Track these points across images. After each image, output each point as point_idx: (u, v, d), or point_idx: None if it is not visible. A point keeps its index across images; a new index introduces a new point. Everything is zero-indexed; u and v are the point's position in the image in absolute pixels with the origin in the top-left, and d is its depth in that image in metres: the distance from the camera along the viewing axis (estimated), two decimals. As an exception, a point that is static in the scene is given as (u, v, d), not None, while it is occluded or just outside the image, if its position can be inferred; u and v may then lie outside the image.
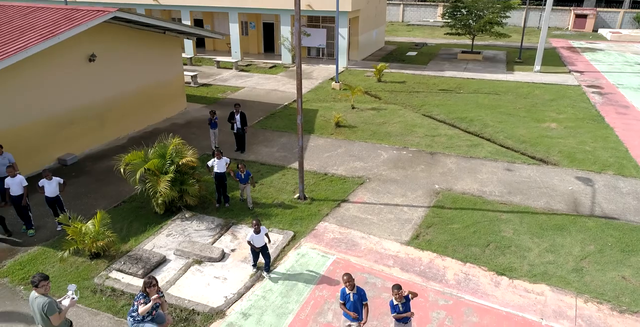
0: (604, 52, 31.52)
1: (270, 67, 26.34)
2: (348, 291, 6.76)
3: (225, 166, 11.22)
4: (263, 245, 8.69)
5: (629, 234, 10.45)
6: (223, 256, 9.48)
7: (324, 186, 12.50)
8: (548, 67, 26.19)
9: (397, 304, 6.64)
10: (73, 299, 6.33)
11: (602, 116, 18.29)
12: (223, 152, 11.44)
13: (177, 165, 10.62)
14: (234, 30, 27.26)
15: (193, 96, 20.32)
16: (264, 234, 8.71)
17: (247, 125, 14.48)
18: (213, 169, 11.14)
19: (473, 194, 12.16)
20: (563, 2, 43.69)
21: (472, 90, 22.06)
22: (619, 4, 44.46)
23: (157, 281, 6.75)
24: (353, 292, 6.74)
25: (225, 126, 14.89)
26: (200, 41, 30.63)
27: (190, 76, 22.04)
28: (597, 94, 21.43)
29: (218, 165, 11.09)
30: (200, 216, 10.93)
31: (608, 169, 13.66)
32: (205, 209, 11.28)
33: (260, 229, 8.60)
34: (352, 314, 6.80)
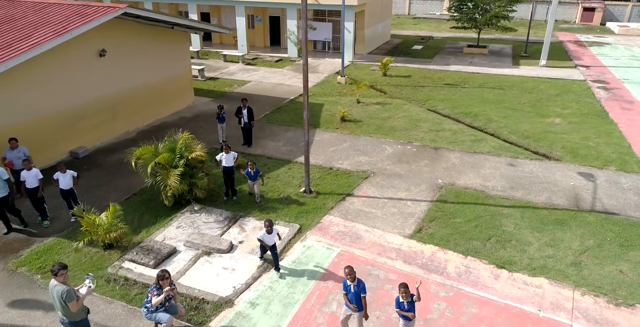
0: (611, 46, 31.38)
1: (277, 61, 26.51)
2: (349, 283, 7.04)
3: (233, 160, 11.50)
4: (273, 244, 8.93)
5: (629, 229, 10.64)
6: (231, 248, 9.80)
7: (329, 180, 12.76)
8: (554, 62, 26.17)
9: (402, 301, 6.82)
10: (90, 287, 6.65)
11: (606, 111, 18.37)
12: (231, 147, 11.73)
13: (186, 159, 10.92)
14: (241, 23, 27.40)
15: (200, 90, 20.58)
16: (276, 233, 8.94)
17: (254, 119, 14.74)
18: (221, 163, 11.42)
19: (476, 188, 12.38)
20: (571, -5, 43.33)
21: (477, 84, 22.16)
22: (628, -4, 44.01)
23: (169, 274, 7.12)
24: (354, 284, 7.02)
25: (233, 120, 15.15)
26: (207, 34, 30.77)
27: (198, 70, 22.27)
28: (602, 89, 21.47)
29: (226, 159, 11.38)
30: (209, 209, 11.25)
31: (610, 164, 13.81)
32: (214, 202, 11.59)
33: (273, 229, 8.81)
34: (351, 306, 7.12)
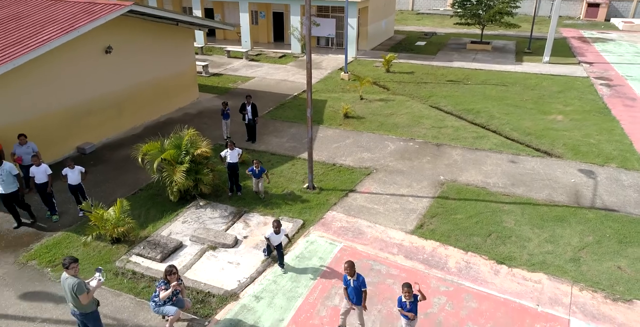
0: (615, 43, 31.31)
1: (280, 57, 26.60)
2: (349, 278, 7.23)
3: (238, 157, 11.68)
4: (279, 243, 9.06)
5: (628, 225, 10.77)
6: (236, 243, 10.00)
7: (332, 176, 12.92)
8: (557, 58, 26.17)
9: (405, 301, 6.93)
10: (100, 280, 6.85)
11: (608, 109, 18.43)
12: (235, 143, 11.91)
13: (192, 155, 11.10)
14: (244, 19, 27.48)
15: (204, 86, 20.72)
16: (284, 234, 9.07)
17: (258, 116, 14.89)
18: (226, 159, 11.60)
19: (477, 185, 12.52)
20: (576, -9, 43.13)
21: (480, 81, 22.22)
22: (633, -8, 43.75)
23: (177, 270, 7.36)
24: (353, 279, 7.20)
25: (237, 117, 15.30)
26: (211, 30, 30.83)
27: (202, 66, 22.40)
28: (605, 86, 21.50)
29: (231, 155, 11.56)
30: (214, 204, 11.44)
31: (611, 161, 13.91)
32: (219, 197, 11.78)
33: (281, 230, 8.94)
34: (347, 301, 7.33)
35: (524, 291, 8.72)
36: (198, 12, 28.62)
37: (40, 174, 10.22)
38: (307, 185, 12.23)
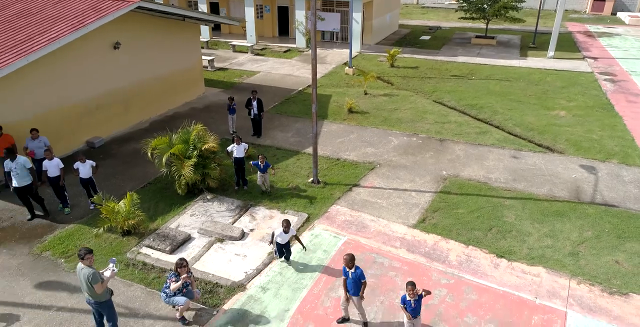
0: (621, 37, 31.19)
1: (285, 51, 26.73)
2: (348, 269, 7.49)
3: (244, 151, 11.93)
4: (287, 242, 9.20)
5: (627, 221, 10.95)
6: (243, 235, 10.27)
7: (337, 171, 13.15)
8: (562, 53, 26.15)
9: (409, 299, 7.13)
10: (113, 270, 7.14)
11: (612, 104, 18.50)
12: (241, 138, 12.15)
13: (199, 150, 11.36)
14: (249, 13, 27.58)
15: (210, 80, 20.92)
16: (292, 235, 9.16)
17: (263, 111, 15.10)
18: (232, 154, 11.85)
19: (479, 180, 12.72)
20: (582, -16, 42.83)
21: (484, 76, 22.30)
22: (640, -14, 43.40)
23: (187, 263, 7.70)
24: (352, 271, 7.46)
25: (243, 111, 15.52)
26: (216, 24, 30.95)
27: (207, 60, 22.59)
28: (609, 81, 21.53)
29: (237, 150, 11.80)
30: (221, 198, 11.71)
31: (613, 157, 14.05)
32: (225, 191, 12.05)
33: (290, 229, 9.03)
34: (344, 292, 7.65)
35: (523, 284, 8.96)
36: (204, 7, 28.74)
37: (53, 167, 10.51)
38: (311, 179, 12.47)
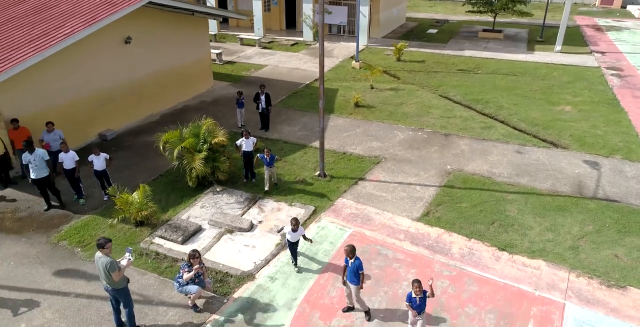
0: (630, 31, 31.01)
1: (292, 45, 26.87)
2: (349, 259, 7.80)
3: (253, 145, 12.22)
4: (297, 241, 9.24)
5: (627, 216, 11.14)
6: (251, 227, 10.60)
7: (343, 165, 13.42)
8: (569, 47, 26.10)
9: (415, 297, 7.33)
10: (129, 259, 7.49)
11: (617, 100, 18.55)
12: (250, 132, 12.44)
13: (209, 144, 11.66)
14: (257, 7, 27.70)
15: (219, 74, 21.16)
16: (301, 234, 9.18)
17: (271, 105, 15.35)
18: (241, 147, 12.14)
19: (483, 175, 12.94)
20: (592, -23, 42.40)
21: (490, 70, 22.37)
22: (651, -22, 42.91)
23: (199, 254, 8.05)
24: (352, 261, 7.77)
25: (251, 105, 15.78)
26: (224, 18, 31.08)
27: (216, 54, 22.81)
28: (616, 76, 21.53)
29: (246, 144, 12.09)
30: (230, 190, 12.03)
31: (616, 153, 14.19)
32: (234, 183, 12.36)
33: (298, 228, 9.03)
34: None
35: (523, 276, 9.22)
36: (212, 0, 28.85)
37: (69, 160, 10.87)
38: (318, 173, 12.74)
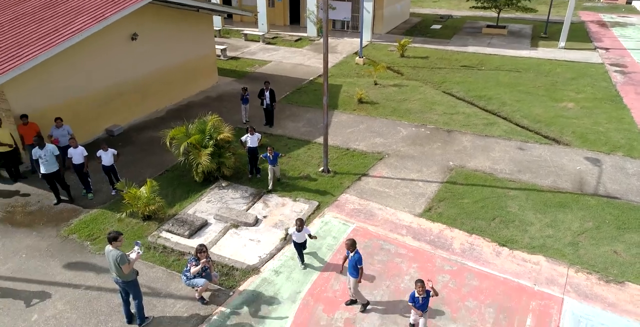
0: (635, 27, 30.92)
1: (296, 40, 26.95)
2: (350, 252, 8.01)
3: (257, 141, 12.39)
4: (304, 241, 9.30)
5: (627, 212, 11.28)
6: (256, 222, 10.80)
7: (346, 161, 13.58)
8: (573, 43, 26.08)
9: (418, 296, 7.48)
10: (138, 253, 7.70)
11: (620, 96, 18.61)
12: (255, 128, 12.60)
13: (215, 140, 11.84)
14: (261, 2, 27.73)
15: (223, 69, 21.29)
16: (306, 233, 9.22)
17: (275, 101, 15.50)
18: (246, 143, 12.32)
19: (484, 171, 13.08)
20: (598, -28, 42.16)
21: (493, 67, 22.42)
22: (658, -27, 42.58)
23: (207, 248, 8.26)
24: (352, 255, 7.98)
25: (256, 101, 15.93)
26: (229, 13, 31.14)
27: (220, 49, 22.93)
28: (619, 73, 21.56)
29: (251, 140, 12.27)
30: (235, 186, 12.23)
31: (618, 150, 14.30)
32: (239, 179, 12.55)
33: (303, 228, 9.06)
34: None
35: (523, 272, 9.40)
36: (216, -6, 28.87)
37: (78, 155, 11.08)
38: (322, 168, 12.92)
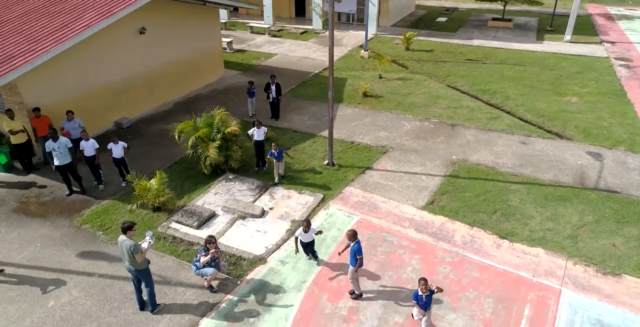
0: (642, 21, 30.76)
1: (302, 33, 27.03)
2: (351, 242, 8.29)
3: (264, 134, 12.64)
4: (310, 241, 9.34)
5: (627, 206, 11.46)
6: (263, 213, 11.09)
7: (351, 154, 13.81)
8: (579, 37, 26.00)
9: (421, 294, 7.67)
10: (150, 242, 8.01)
11: (624, 91, 18.64)
12: (261, 122, 12.85)
13: (222, 133, 12.10)
14: (267, -6, 27.79)
15: (229, 62, 21.48)
16: (313, 234, 9.23)
17: (281, 94, 15.71)
18: (253, 137, 12.58)
19: (487, 165, 13.28)
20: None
21: (498, 60, 22.46)
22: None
23: (215, 239, 8.57)
24: (352, 245, 8.26)
25: (262, 95, 16.14)
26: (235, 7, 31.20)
27: (226, 42, 23.08)
28: (624, 67, 21.55)
29: (257, 133, 12.52)
30: (242, 178, 12.50)
31: (620, 145, 14.43)
32: (246, 171, 12.83)
33: (310, 229, 9.07)
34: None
35: (522, 263, 9.65)
36: (221, -14, 28.92)
37: (89, 147, 11.38)
38: (327, 162, 13.16)
